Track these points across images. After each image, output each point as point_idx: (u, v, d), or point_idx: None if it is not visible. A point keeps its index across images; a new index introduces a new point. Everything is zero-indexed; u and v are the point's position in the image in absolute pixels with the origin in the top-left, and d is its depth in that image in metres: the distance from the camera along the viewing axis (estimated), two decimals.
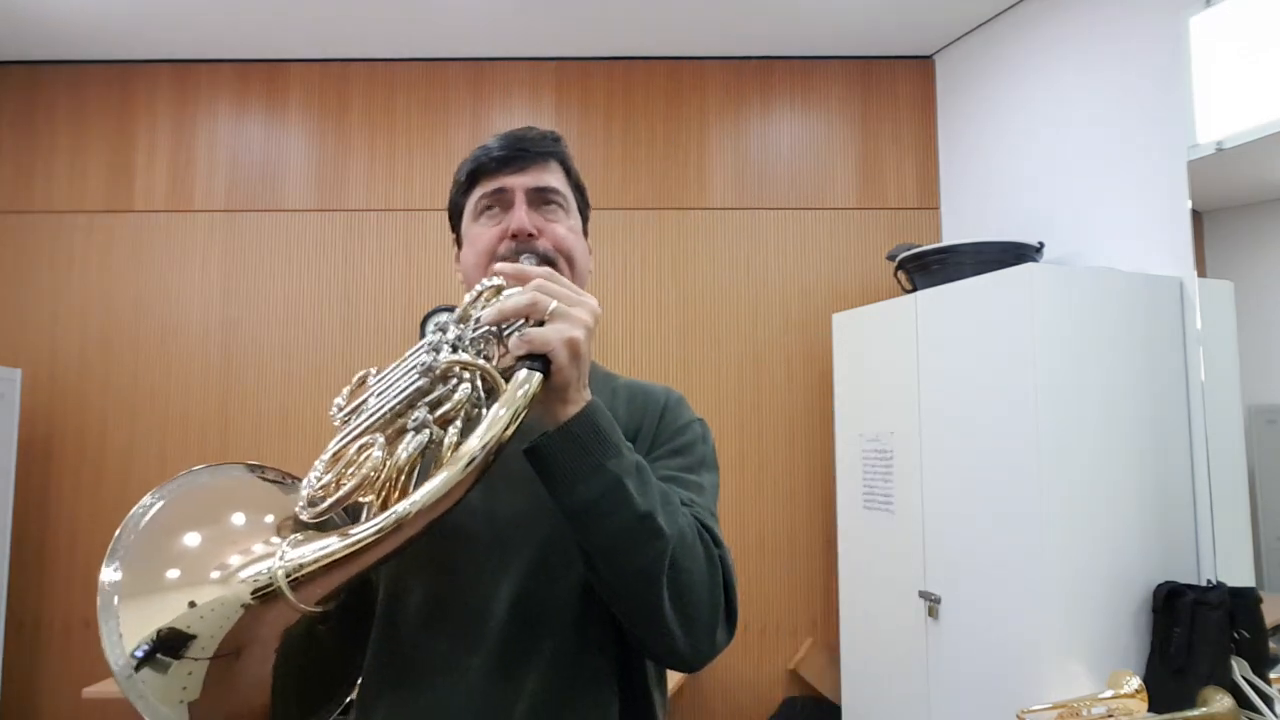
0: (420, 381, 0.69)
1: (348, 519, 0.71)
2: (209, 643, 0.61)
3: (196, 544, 0.67)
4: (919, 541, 2.26)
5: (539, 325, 0.70)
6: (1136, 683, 1.71)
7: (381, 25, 2.78)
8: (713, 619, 0.76)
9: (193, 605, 0.62)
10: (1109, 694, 1.72)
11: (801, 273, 3.00)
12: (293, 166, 2.99)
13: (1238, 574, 1.85)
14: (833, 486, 2.73)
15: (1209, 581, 1.88)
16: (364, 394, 0.77)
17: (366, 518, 0.64)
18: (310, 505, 0.69)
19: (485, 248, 0.90)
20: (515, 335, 0.69)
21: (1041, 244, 2.38)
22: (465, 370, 0.69)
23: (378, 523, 0.62)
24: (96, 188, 2.95)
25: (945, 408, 2.20)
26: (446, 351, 0.70)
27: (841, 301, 2.90)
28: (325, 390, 2.84)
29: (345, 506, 0.70)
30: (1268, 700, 1.69)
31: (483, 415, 0.66)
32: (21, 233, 2.93)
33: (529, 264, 0.81)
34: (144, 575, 0.63)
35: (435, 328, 0.73)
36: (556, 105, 3.00)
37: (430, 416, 0.67)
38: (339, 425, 0.76)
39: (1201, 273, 1.99)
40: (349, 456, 0.70)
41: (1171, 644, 1.82)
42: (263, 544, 0.66)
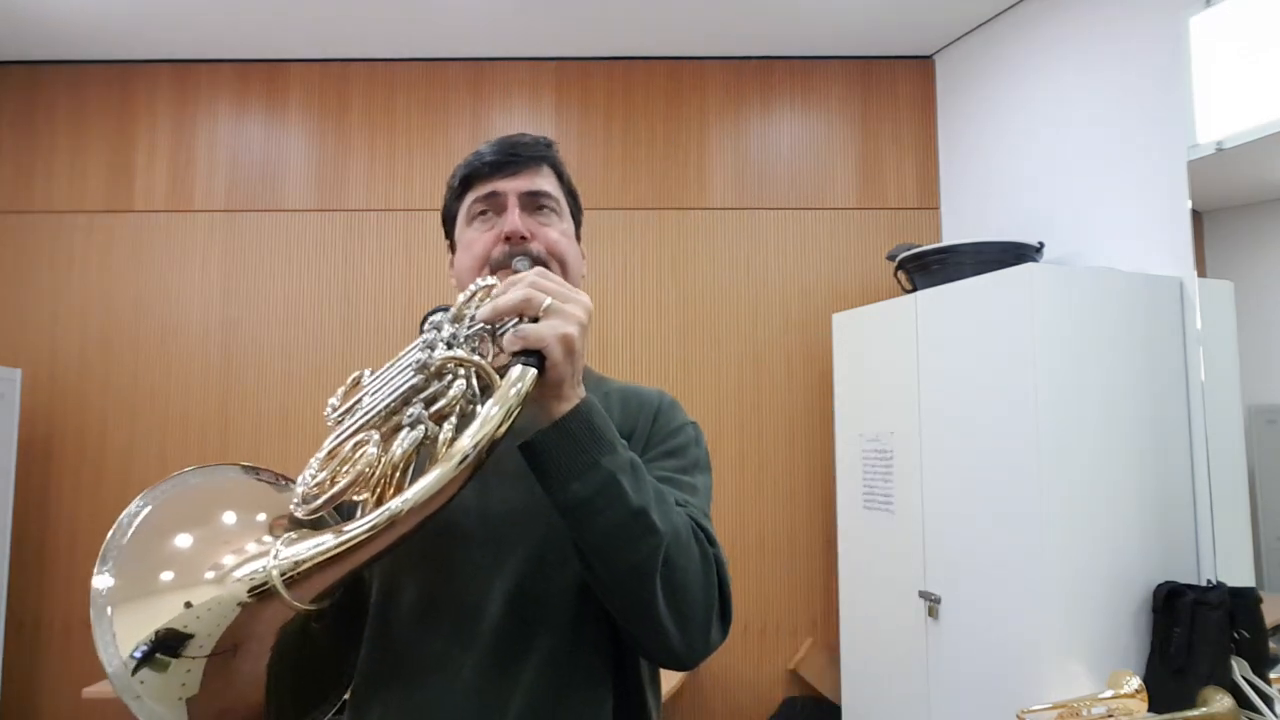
0: (415, 379, 0.69)
1: (340, 518, 0.71)
2: (207, 641, 0.61)
3: (189, 545, 0.66)
4: (919, 541, 2.25)
5: (533, 322, 0.70)
6: (1136, 683, 1.71)
7: (381, 25, 2.79)
8: (707, 617, 0.76)
9: (189, 605, 0.62)
10: (1109, 694, 1.72)
11: (801, 273, 3.00)
12: (293, 166, 2.99)
13: (1238, 574, 1.85)
14: (833, 486, 2.73)
15: (1209, 581, 1.88)
16: (359, 394, 0.77)
17: (361, 515, 0.64)
18: (305, 503, 0.69)
19: (479, 252, 0.90)
20: (510, 332, 0.69)
21: (1041, 244, 2.38)
22: (460, 366, 0.69)
23: (371, 520, 0.62)
24: (96, 188, 2.95)
25: (945, 408, 2.19)
26: (441, 349, 0.70)
27: (841, 301, 2.90)
28: (325, 390, 2.81)
29: (340, 505, 0.70)
30: (1268, 700, 1.69)
31: (477, 412, 0.65)
32: (21, 233, 2.93)
33: (522, 267, 0.82)
34: (137, 579, 0.63)
35: (430, 326, 0.73)
36: (556, 105, 3.00)
37: (425, 413, 0.67)
38: (333, 425, 0.76)
39: (1201, 273, 1.99)
40: (344, 454, 0.70)
41: (1171, 644, 1.82)
42: (256, 543, 0.66)
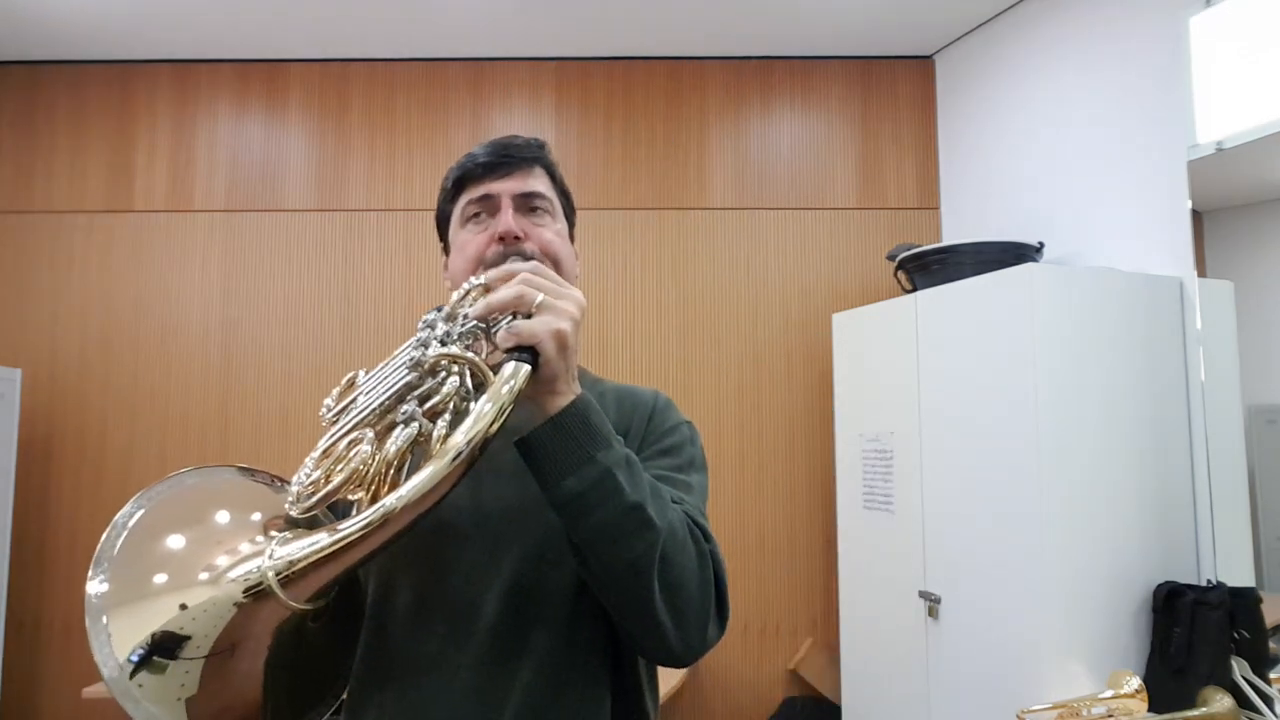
0: (409, 376, 0.69)
1: (335, 517, 0.71)
2: (204, 642, 0.61)
3: (184, 546, 0.66)
4: (919, 541, 2.25)
5: (526, 318, 0.70)
6: (1136, 683, 1.71)
7: (381, 25, 2.79)
8: (704, 613, 0.76)
9: (184, 607, 0.61)
10: (1109, 694, 1.72)
11: (801, 273, 3.00)
12: (293, 166, 2.99)
13: (1238, 574, 1.85)
14: (833, 486, 2.73)
15: (1209, 581, 1.87)
16: (354, 393, 0.77)
17: (356, 514, 0.64)
18: (299, 501, 0.69)
19: (473, 253, 0.90)
20: (503, 329, 0.69)
21: (1041, 244, 2.38)
22: (454, 364, 0.69)
23: (365, 518, 0.62)
24: (96, 188, 2.95)
25: (945, 408, 2.19)
26: (435, 346, 0.70)
27: (841, 301, 2.90)
28: (325, 390, 2.78)
29: (335, 504, 0.70)
30: (1268, 700, 1.69)
31: (471, 409, 0.65)
32: (21, 233, 2.93)
33: (516, 265, 0.81)
34: (131, 583, 0.63)
35: (423, 325, 0.73)
36: (556, 105, 3.00)
37: (419, 410, 0.67)
38: (328, 425, 0.76)
39: (1201, 273, 1.99)
40: (338, 452, 0.70)
41: (1171, 644, 1.82)
42: (250, 543, 0.66)
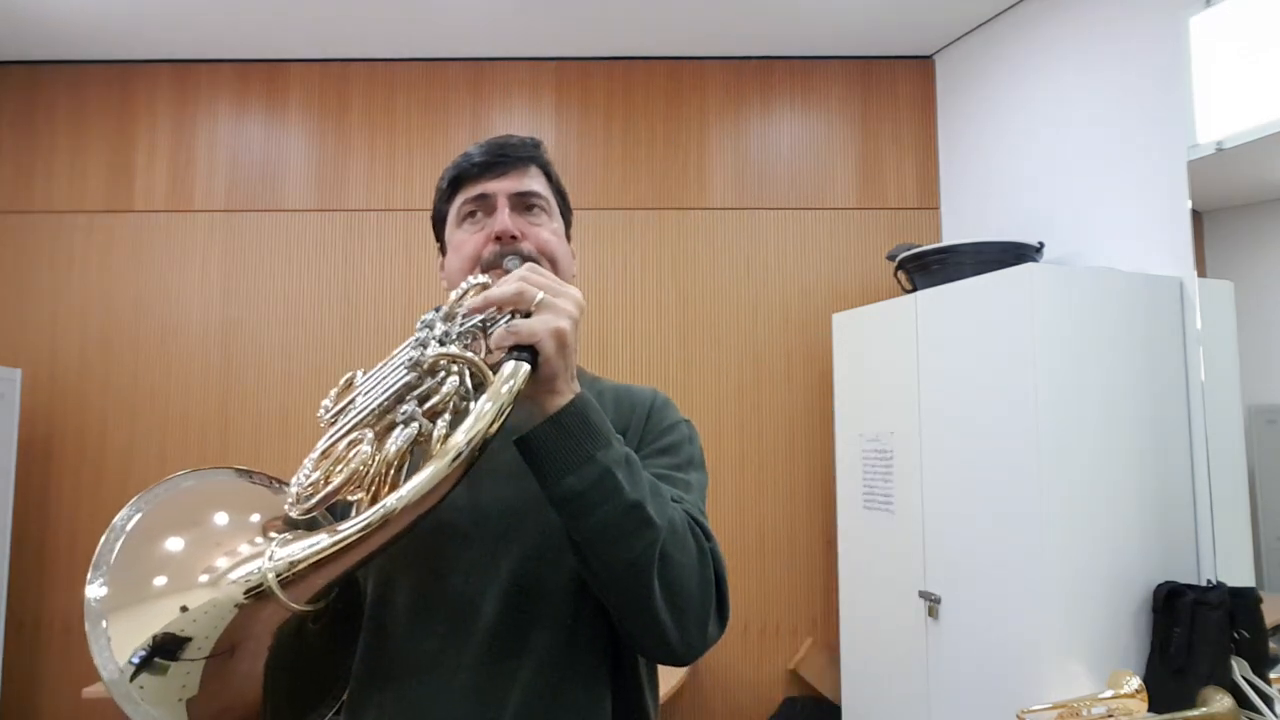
0: (408, 376, 0.69)
1: (334, 518, 0.71)
2: (204, 643, 0.61)
3: (183, 548, 0.66)
4: (919, 541, 2.25)
5: (525, 317, 0.69)
6: (1136, 683, 1.71)
7: (381, 25, 2.78)
8: (704, 611, 0.76)
9: (184, 609, 0.61)
10: (1109, 694, 1.72)
11: (801, 273, 3.00)
12: (293, 166, 2.99)
13: (1238, 574, 1.85)
14: (833, 486, 2.73)
15: (1209, 581, 1.87)
16: (352, 394, 0.76)
17: (356, 514, 0.64)
18: (299, 502, 0.69)
19: (470, 253, 0.90)
20: (501, 328, 0.69)
21: (1041, 244, 2.38)
22: (453, 363, 0.69)
23: (365, 518, 0.62)
24: (96, 188, 2.95)
25: (945, 408, 2.19)
26: (434, 346, 0.70)
27: (841, 301, 2.90)
28: (325, 390, 2.81)
29: (334, 505, 0.69)
30: (1268, 700, 1.69)
31: (471, 408, 0.65)
32: (21, 233, 2.93)
33: (513, 266, 0.81)
34: (131, 584, 0.63)
35: (422, 324, 0.72)
36: (556, 105, 3.00)
37: (419, 410, 0.67)
38: (326, 426, 0.76)
39: (1201, 273, 1.99)
40: (338, 453, 0.70)
41: (1171, 644, 1.82)
42: (250, 544, 0.66)
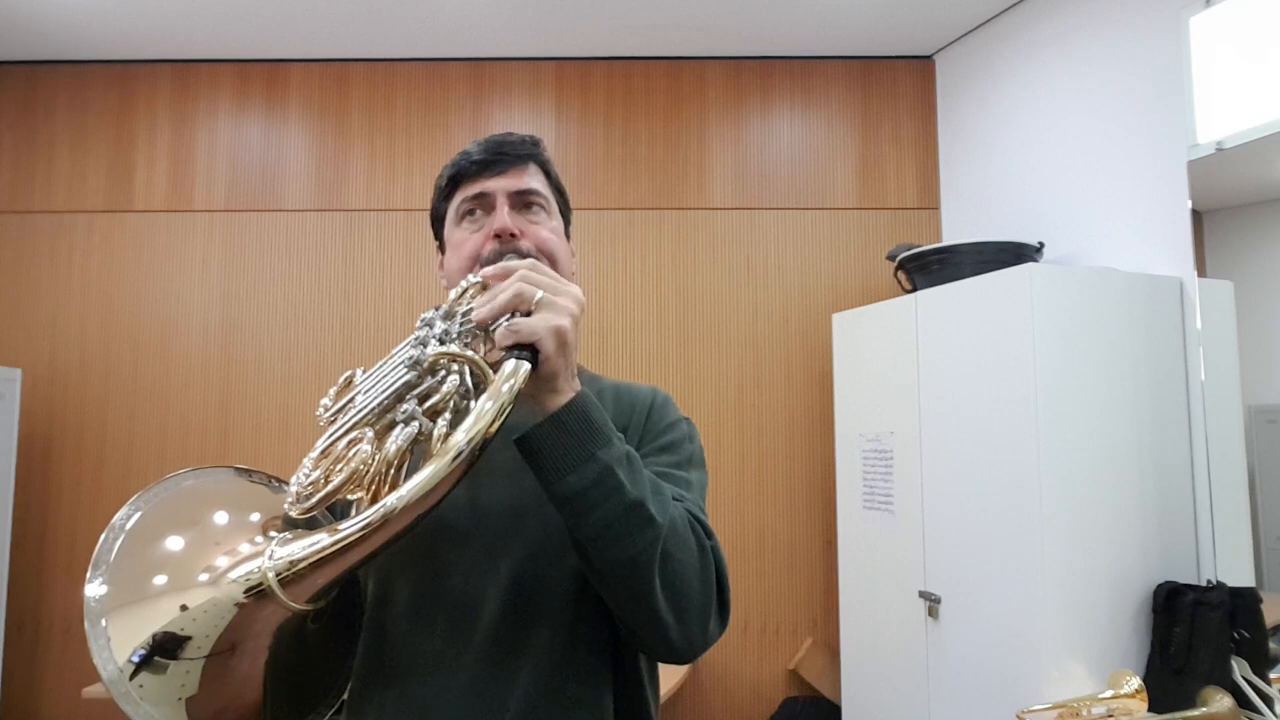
0: (408, 375, 0.68)
1: (334, 517, 0.71)
2: (204, 642, 0.61)
3: (182, 548, 0.66)
4: (919, 541, 2.25)
5: (525, 316, 0.69)
6: (1136, 683, 1.71)
7: (381, 25, 2.78)
8: (705, 609, 0.76)
9: (184, 609, 0.61)
10: (1109, 694, 1.72)
11: (801, 273, 3.00)
12: (293, 166, 2.99)
13: (1238, 574, 1.85)
14: (833, 486, 2.73)
15: (1209, 581, 1.87)
16: (351, 392, 0.76)
17: (356, 514, 0.64)
18: (299, 501, 0.69)
19: (469, 252, 0.90)
20: (502, 326, 0.69)
21: (1041, 244, 2.38)
22: (453, 362, 0.69)
23: (365, 518, 0.62)
24: (96, 188, 2.95)
25: (945, 408, 2.19)
26: (434, 345, 0.69)
27: (841, 301, 2.90)
28: (325, 390, 2.82)
29: (334, 504, 0.69)
30: (1268, 700, 1.69)
31: (471, 407, 0.65)
32: (21, 233, 2.93)
33: (513, 262, 0.81)
34: (130, 584, 0.63)
35: (421, 323, 0.72)
36: (556, 105, 3.00)
37: (419, 409, 0.67)
38: (325, 424, 0.76)
39: (1201, 273, 1.99)
40: (338, 452, 0.70)
41: (1171, 644, 1.82)
42: (250, 544, 0.66)
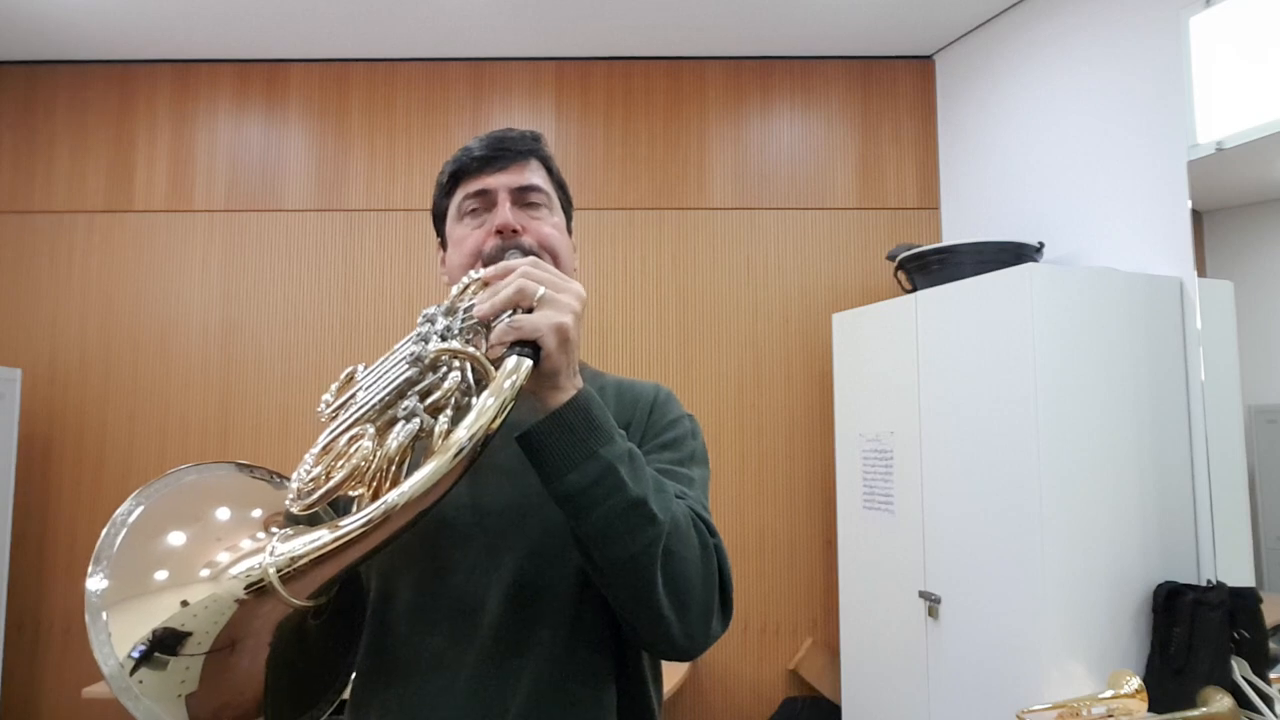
0: (409, 371, 0.68)
1: (336, 513, 0.71)
2: (204, 638, 0.61)
3: (184, 543, 0.66)
4: (919, 541, 2.25)
5: (527, 313, 0.69)
6: (1136, 683, 1.71)
7: (381, 25, 2.78)
8: (707, 607, 0.75)
9: (185, 604, 0.61)
10: (1109, 694, 1.72)
11: (801, 273, 3.00)
12: (293, 166, 2.99)
13: (1238, 574, 1.85)
14: (833, 486, 2.73)
15: (1209, 581, 1.87)
16: (352, 389, 0.76)
17: (357, 510, 0.64)
18: (300, 498, 0.69)
19: (471, 248, 0.90)
20: (504, 323, 0.69)
21: (1041, 244, 2.38)
22: (455, 358, 0.69)
23: (366, 514, 0.62)
24: (96, 188, 2.95)
25: (945, 408, 2.19)
26: (435, 341, 0.69)
27: (841, 301, 2.90)
28: (325, 390, 2.83)
29: (335, 501, 0.69)
30: (1268, 700, 1.69)
31: (473, 404, 0.65)
32: (21, 233, 2.93)
33: (514, 259, 0.80)
34: (131, 579, 0.63)
35: (423, 319, 0.72)
36: (556, 105, 3.00)
37: (420, 406, 0.67)
38: (326, 421, 0.75)
39: (1201, 273, 1.99)
40: (339, 448, 0.70)
41: (1171, 644, 1.82)
42: (251, 540, 0.66)
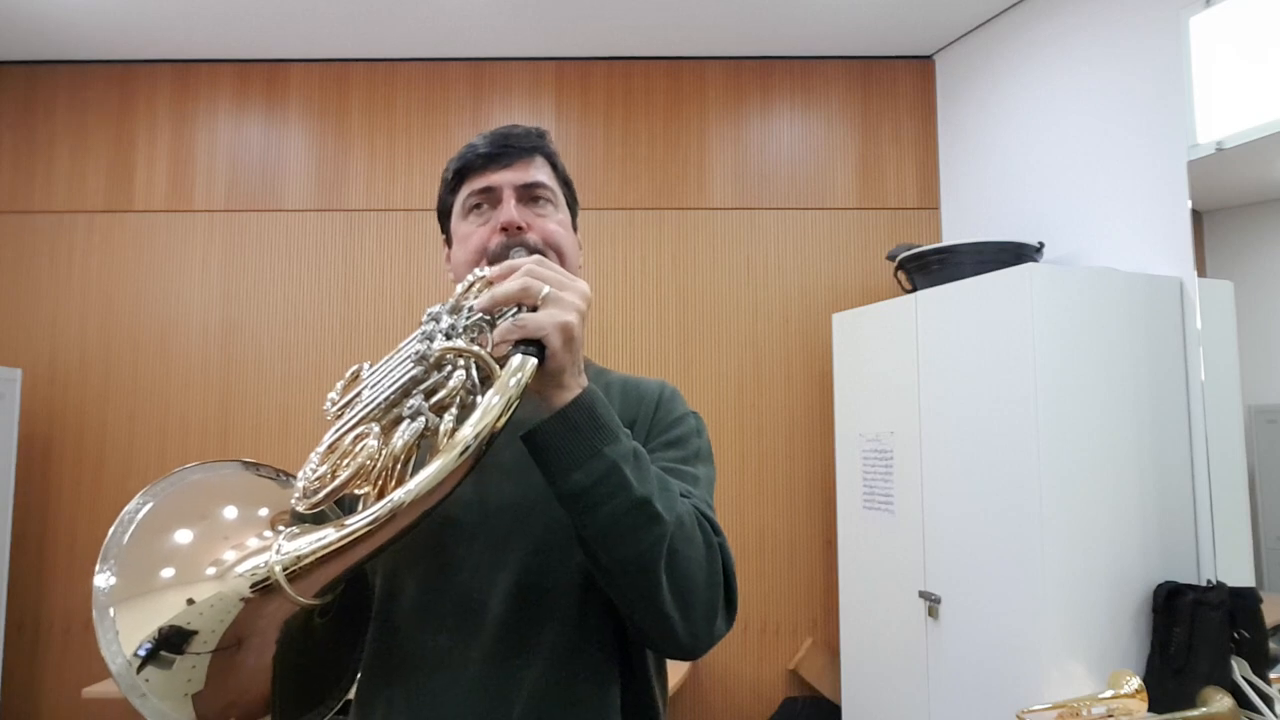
0: (414, 370, 0.68)
1: (342, 512, 0.71)
2: (210, 637, 0.61)
3: (190, 541, 0.66)
4: (919, 541, 2.25)
5: (531, 311, 0.69)
6: (1136, 683, 1.71)
7: (381, 25, 2.79)
8: (712, 606, 0.75)
9: (191, 602, 0.61)
10: (1109, 694, 1.72)
11: (801, 273, 3.00)
12: (293, 166, 2.99)
13: (1238, 574, 1.85)
14: (833, 486, 2.73)
15: (1209, 581, 1.88)
16: (358, 387, 0.76)
17: (363, 508, 0.64)
18: (306, 497, 0.69)
19: (476, 245, 0.89)
20: (508, 322, 0.69)
21: (1041, 244, 2.38)
22: (460, 357, 0.69)
23: (373, 512, 0.62)
24: (96, 188, 2.95)
25: (945, 408, 2.19)
26: (440, 340, 0.69)
27: (841, 301, 2.90)
28: (326, 390, 2.82)
29: (341, 499, 0.69)
30: (1268, 700, 1.69)
31: (478, 402, 0.65)
32: (21, 233, 2.93)
33: (519, 258, 0.80)
34: (138, 576, 0.63)
35: (428, 317, 0.72)
36: (556, 105, 3.00)
37: (425, 404, 0.67)
38: (333, 419, 0.75)
39: (1201, 273, 1.99)
40: (344, 447, 0.70)
41: (1171, 644, 1.82)
42: (258, 538, 0.66)
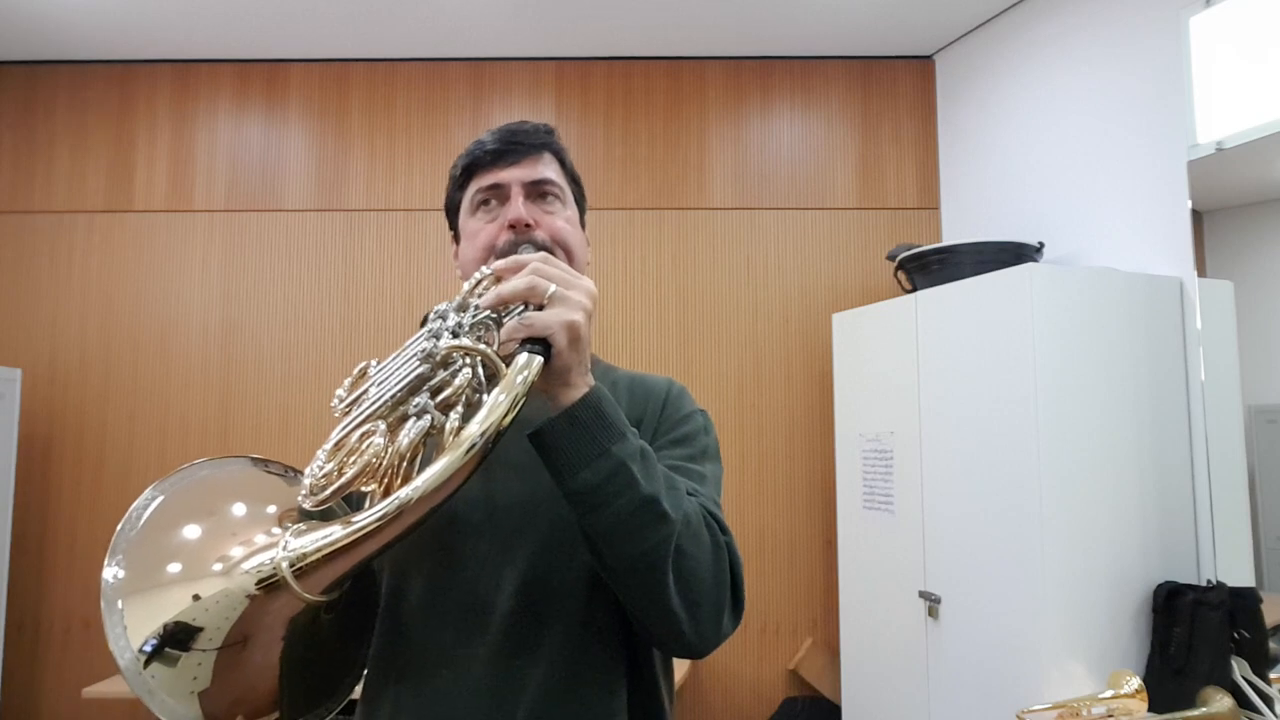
0: (421, 368, 0.69)
1: (349, 509, 0.71)
2: (216, 634, 0.61)
3: (198, 537, 0.66)
4: (919, 541, 2.26)
5: (538, 310, 0.69)
6: (1136, 683, 1.71)
7: (381, 25, 2.79)
8: (719, 605, 0.75)
9: (197, 598, 0.62)
10: (1109, 694, 1.72)
11: (801, 273, 3.00)
12: (293, 166, 2.99)
13: (1238, 574, 1.85)
14: (833, 486, 2.73)
15: (1209, 581, 1.88)
16: (365, 384, 0.76)
17: (369, 506, 0.64)
18: (312, 494, 0.69)
19: (484, 242, 0.89)
20: (514, 320, 0.69)
21: (1041, 244, 2.38)
22: (466, 355, 0.69)
23: (379, 510, 0.62)
24: (96, 188, 2.95)
25: (945, 408, 2.19)
26: (446, 338, 0.69)
27: (841, 301, 2.91)
28: (325, 390, 2.82)
29: (348, 496, 0.69)
30: (1268, 700, 1.69)
31: (484, 400, 0.65)
32: (21, 233, 2.93)
33: (526, 254, 0.80)
34: (146, 571, 0.63)
35: (435, 315, 0.72)
36: (556, 105, 3.00)
37: (431, 402, 0.67)
38: (340, 416, 0.75)
39: (1201, 273, 1.99)
40: (351, 444, 0.70)
41: (1171, 644, 1.82)
42: (265, 534, 0.66)
